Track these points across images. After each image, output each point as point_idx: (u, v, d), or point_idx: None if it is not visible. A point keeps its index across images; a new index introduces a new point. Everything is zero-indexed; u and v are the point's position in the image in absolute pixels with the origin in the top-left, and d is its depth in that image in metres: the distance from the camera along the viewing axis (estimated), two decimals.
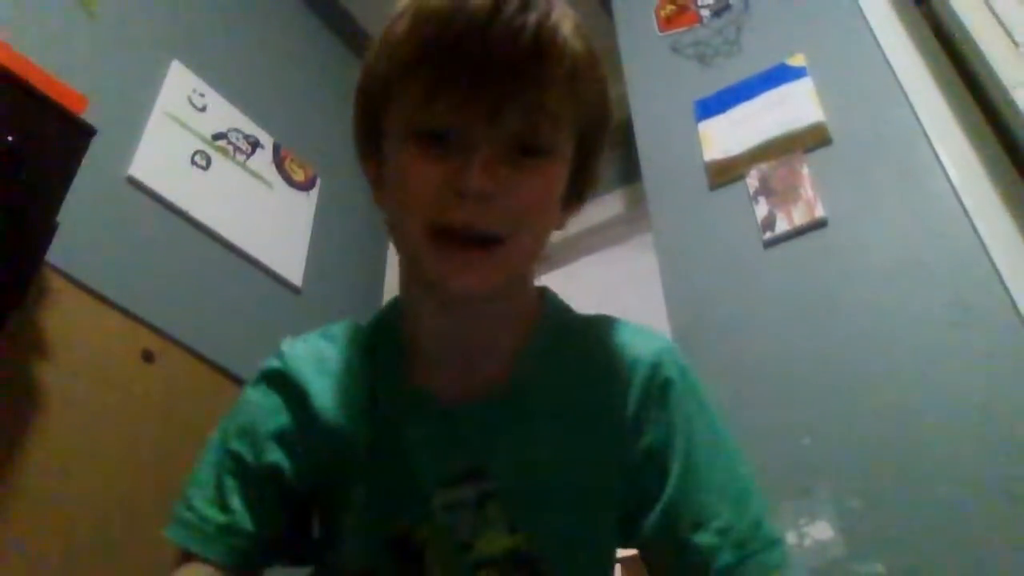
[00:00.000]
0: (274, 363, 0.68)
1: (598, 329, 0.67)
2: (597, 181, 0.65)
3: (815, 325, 1.41)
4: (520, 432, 0.60)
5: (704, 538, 0.55)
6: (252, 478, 0.63)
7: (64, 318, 1.43)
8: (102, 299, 1.51)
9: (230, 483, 0.62)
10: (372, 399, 0.64)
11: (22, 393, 1.34)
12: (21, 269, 1.22)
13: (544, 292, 0.70)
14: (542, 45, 0.52)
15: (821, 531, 1.21)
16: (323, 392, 0.64)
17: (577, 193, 0.64)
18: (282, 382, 0.66)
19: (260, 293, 1.91)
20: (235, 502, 0.61)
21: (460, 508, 0.58)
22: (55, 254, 1.34)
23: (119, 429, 1.46)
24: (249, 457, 0.63)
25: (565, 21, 0.55)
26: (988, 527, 1.10)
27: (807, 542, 1.21)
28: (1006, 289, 1.22)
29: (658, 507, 0.57)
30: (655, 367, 0.62)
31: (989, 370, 1.20)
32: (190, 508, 0.62)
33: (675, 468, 0.58)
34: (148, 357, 1.56)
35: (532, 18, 0.52)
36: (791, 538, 1.22)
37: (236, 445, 0.64)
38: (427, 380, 0.64)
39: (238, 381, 1.72)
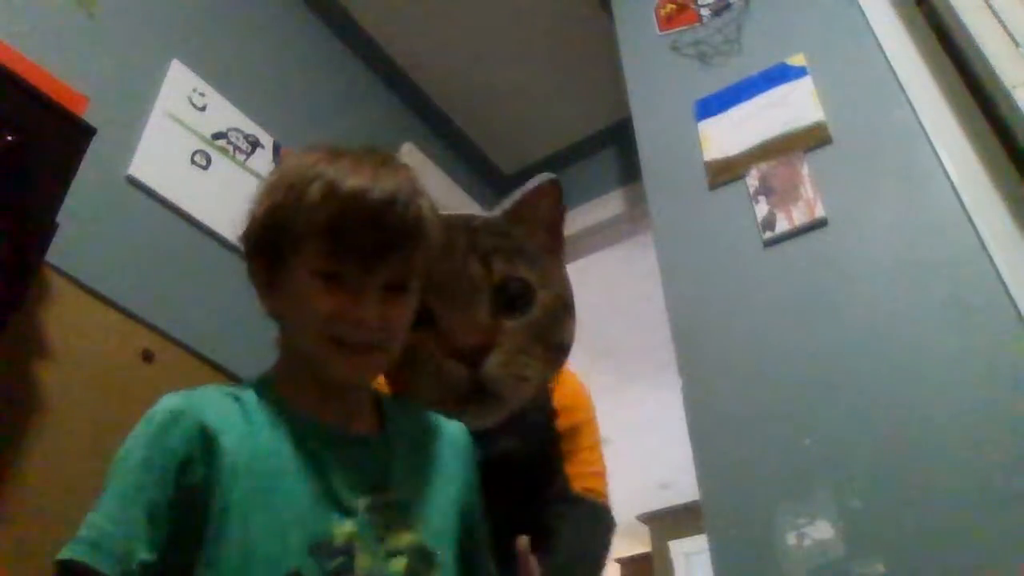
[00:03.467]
0: (174, 403, 0.78)
1: (413, 404, 0.93)
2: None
3: (815, 324, 1.41)
4: (403, 460, 0.83)
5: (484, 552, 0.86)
6: (166, 507, 0.70)
7: (64, 318, 1.43)
8: (102, 299, 1.51)
9: (144, 514, 0.69)
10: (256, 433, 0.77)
11: (22, 393, 1.34)
12: (21, 269, 1.22)
13: None
14: (416, 230, 0.78)
15: (821, 531, 1.21)
16: (224, 427, 0.75)
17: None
18: (184, 417, 0.76)
19: None
20: (156, 535, 0.68)
21: (375, 510, 0.76)
22: (55, 254, 1.33)
23: (119, 429, 1.44)
24: (160, 488, 0.71)
25: (428, 208, 0.80)
26: (988, 527, 1.10)
27: (807, 542, 1.21)
28: (1006, 289, 1.22)
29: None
30: (465, 434, 0.91)
31: (988, 370, 1.20)
32: (112, 539, 0.67)
33: (480, 504, 0.87)
34: (148, 357, 1.56)
35: (412, 212, 0.78)
36: (791, 538, 1.23)
37: (144, 476, 0.72)
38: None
39: (238, 381, 1.71)
